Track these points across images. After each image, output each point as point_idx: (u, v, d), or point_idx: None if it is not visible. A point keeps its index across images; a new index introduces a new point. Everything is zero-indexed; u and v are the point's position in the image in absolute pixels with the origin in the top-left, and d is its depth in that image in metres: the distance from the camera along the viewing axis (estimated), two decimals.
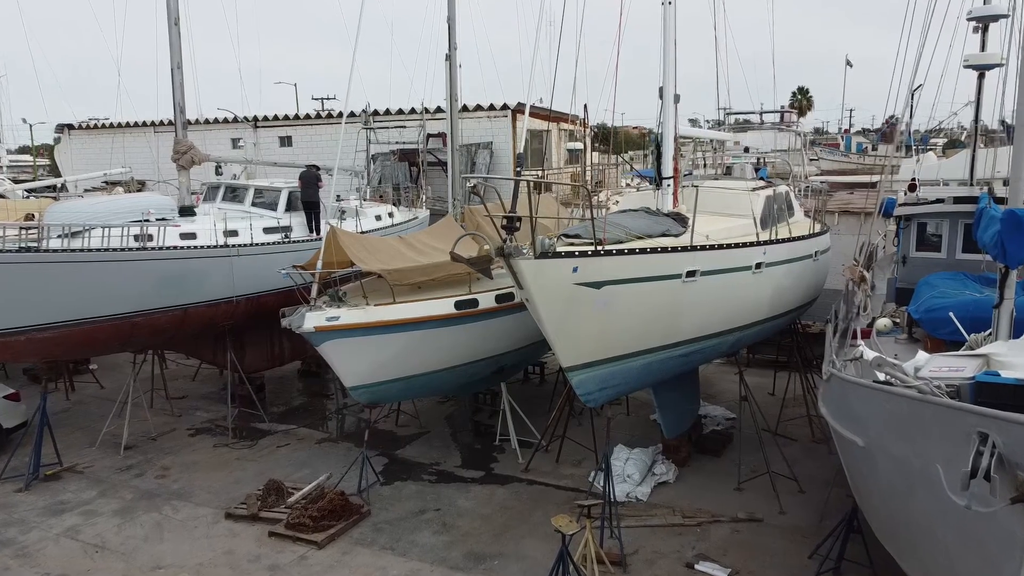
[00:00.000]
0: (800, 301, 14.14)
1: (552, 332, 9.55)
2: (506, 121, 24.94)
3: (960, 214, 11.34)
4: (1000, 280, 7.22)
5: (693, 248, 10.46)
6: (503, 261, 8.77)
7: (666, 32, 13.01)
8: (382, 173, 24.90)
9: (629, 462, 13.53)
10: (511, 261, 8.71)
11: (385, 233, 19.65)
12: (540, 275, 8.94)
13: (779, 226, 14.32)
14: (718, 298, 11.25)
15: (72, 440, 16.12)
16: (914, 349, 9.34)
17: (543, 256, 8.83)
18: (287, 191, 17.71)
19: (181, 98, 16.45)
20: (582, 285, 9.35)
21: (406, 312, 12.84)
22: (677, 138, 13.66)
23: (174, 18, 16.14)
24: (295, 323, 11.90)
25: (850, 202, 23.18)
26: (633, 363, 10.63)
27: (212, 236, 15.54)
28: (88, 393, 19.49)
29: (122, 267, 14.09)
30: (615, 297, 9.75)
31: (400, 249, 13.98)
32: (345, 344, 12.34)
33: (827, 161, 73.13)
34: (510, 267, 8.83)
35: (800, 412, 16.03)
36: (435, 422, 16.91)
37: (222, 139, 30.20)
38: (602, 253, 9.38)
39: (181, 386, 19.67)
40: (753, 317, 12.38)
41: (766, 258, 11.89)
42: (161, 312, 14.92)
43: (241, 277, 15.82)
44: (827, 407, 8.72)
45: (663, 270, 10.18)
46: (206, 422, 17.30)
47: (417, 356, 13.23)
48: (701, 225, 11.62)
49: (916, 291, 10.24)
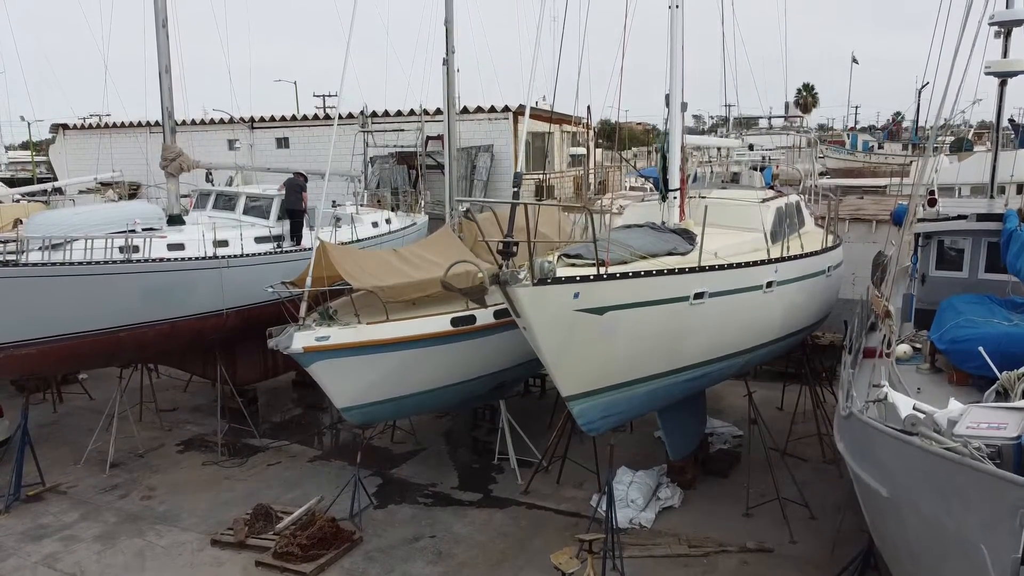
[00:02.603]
0: (813, 319, 13.57)
1: (551, 361, 9.00)
2: (507, 123, 24.34)
3: (984, 232, 10.75)
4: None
5: (701, 269, 9.88)
6: (499, 288, 8.21)
7: (673, 38, 12.41)
8: (380, 176, 24.33)
9: (633, 486, 12.97)
10: (508, 289, 8.15)
11: (382, 241, 19.11)
12: (539, 303, 8.37)
13: (790, 238, 13.74)
14: (727, 319, 10.68)
15: (57, 456, 15.61)
16: (938, 382, 8.78)
17: (542, 282, 8.26)
18: (279, 199, 17.15)
19: (170, 102, 15.88)
20: (584, 311, 8.79)
21: (400, 330, 12.28)
22: (684, 148, 13.05)
23: (162, 19, 15.56)
24: (282, 344, 11.34)
25: (860, 208, 22.57)
26: (637, 390, 10.07)
27: (201, 247, 14.98)
28: (76, 404, 18.97)
29: (106, 280, 13.54)
30: (619, 322, 9.18)
31: (393, 263, 13.42)
32: (335, 364, 11.80)
33: (833, 160, 72.54)
34: (507, 295, 8.27)
35: (810, 429, 15.48)
36: (432, 438, 16.36)
37: (218, 140, 29.65)
38: (605, 277, 8.81)
39: (171, 397, 19.13)
40: (764, 338, 11.81)
41: (777, 276, 11.31)
42: (147, 326, 14.37)
43: (231, 289, 15.26)
44: (844, 443, 8.15)
45: (670, 293, 9.61)
46: (196, 437, 16.77)
47: (412, 375, 12.69)
48: (709, 240, 11.04)
49: (938, 315, 9.66)
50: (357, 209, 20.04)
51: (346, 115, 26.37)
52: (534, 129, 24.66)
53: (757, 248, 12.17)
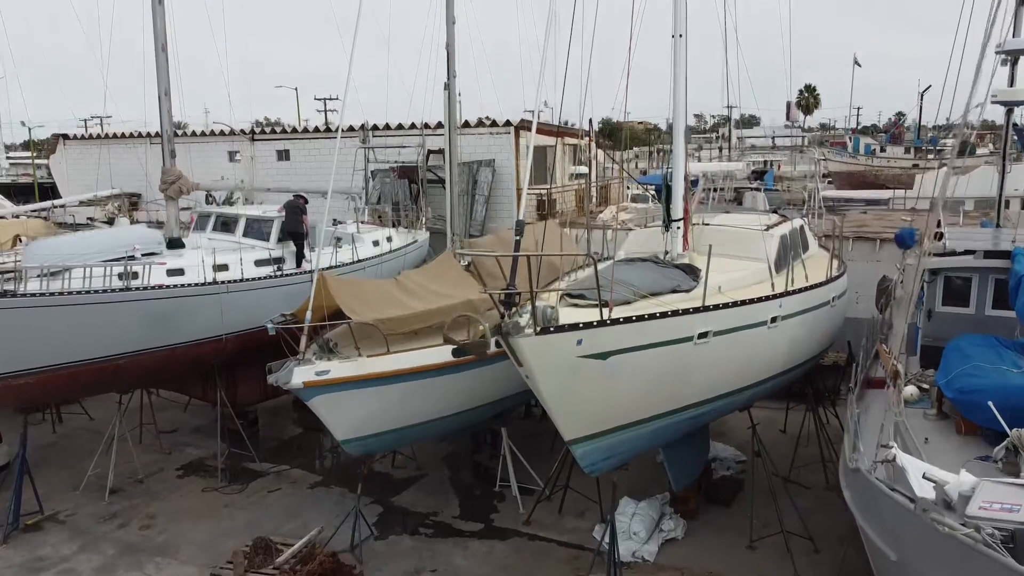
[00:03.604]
0: (817, 350, 13.45)
1: (553, 407, 8.89)
2: (508, 138, 24.19)
3: (991, 269, 10.63)
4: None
5: (705, 308, 9.76)
6: (501, 340, 8.10)
7: (676, 68, 12.29)
8: (381, 190, 24.20)
9: (635, 518, 12.86)
10: (510, 340, 8.04)
11: (383, 261, 18.98)
12: (541, 352, 8.27)
13: (794, 264, 13.56)
14: (731, 357, 10.56)
15: (56, 482, 15.53)
16: (945, 430, 8.67)
17: (544, 331, 8.15)
18: (279, 220, 17.04)
19: (169, 125, 15.77)
20: (587, 357, 8.68)
21: (401, 362, 12.17)
22: (687, 177, 12.94)
23: (161, 43, 15.45)
24: (281, 379, 11.24)
25: (864, 224, 22.45)
26: (640, 430, 9.96)
27: (200, 272, 14.88)
28: (76, 425, 18.87)
29: (104, 309, 13.45)
30: (622, 366, 9.07)
31: (394, 293, 13.29)
32: (336, 398, 11.69)
33: (835, 163, 72.32)
34: (508, 346, 8.16)
35: (814, 452, 15.36)
36: (433, 463, 16.24)
37: (219, 152, 29.56)
38: (608, 322, 8.69)
39: (172, 418, 19.01)
40: (768, 372, 11.69)
41: (782, 311, 11.19)
42: (146, 353, 14.28)
43: (231, 314, 15.15)
44: (851, 495, 8.06)
45: (674, 334, 9.49)
46: (196, 460, 16.67)
47: (413, 406, 12.58)
48: (712, 273, 10.92)
49: (945, 356, 9.54)
50: (358, 228, 19.91)
51: (347, 128, 26.28)
52: (537, 143, 24.52)
53: (761, 279, 12.05)
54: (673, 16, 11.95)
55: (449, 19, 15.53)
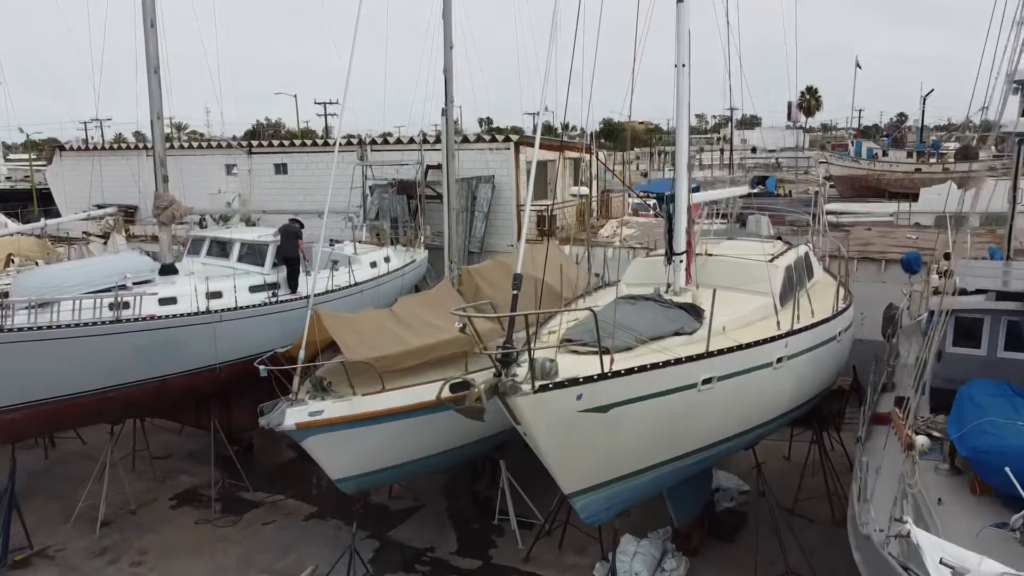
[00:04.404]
0: (823, 387, 13.14)
1: (552, 462, 8.59)
2: (508, 153, 23.87)
3: (1003, 312, 10.32)
4: None
5: (710, 354, 9.46)
6: (498, 400, 7.81)
7: (679, 97, 12.00)
8: (379, 206, 23.89)
9: (637, 557, 12.55)
10: (507, 401, 7.75)
11: (380, 283, 18.68)
12: (541, 410, 7.98)
13: (800, 295, 13.25)
14: (736, 400, 10.26)
15: (47, 513, 15.25)
16: (959, 489, 8.36)
17: (543, 388, 7.85)
18: (274, 244, 16.73)
19: (162, 150, 15.45)
20: (587, 411, 8.38)
21: (397, 400, 11.89)
22: (691, 208, 12.64)
23: (153, 66, 15.16)
24: (274, 421, 10.95)
25: (868, 242, 22.12)
26: (642, 478, 9.67)
27: (193, 301, 14.58)
28: (69, 450, 18.58)
29: (94, 342, 13.18)
30: (623, 417, 8.78)
31: (390, 327, 12.99)
32: (331, 439, 11.41)
33: (837, 167, 72.00)
34: (506, 406, 7.88)
35: (819, 483, 15.05)
36: (430, 493, 15.94)
37: (216, 165, 29.26)
38: (609, 375, 8.39)
39: (165, 442, 18.72)
40: (773, 413, 11.39)
41: (788, 350, 10.89)
42: (137, 385, 14.00)
43: (225, 343, 14.87)
44: (861, 560, 7.75)
45: (678, 382, 9.20)
46: (189, 489, 16.38)
47: (410, 443, 12.30)
48: (715, 311, 10.61)
49: (957, 405, 9.23)
50: (355, 248, 19.61)
51: (345, 142, 26.00)
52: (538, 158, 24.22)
53: (766, 315, 11.75)
54: (676, 46, 11.66)
55: (447, 44, 15.23)
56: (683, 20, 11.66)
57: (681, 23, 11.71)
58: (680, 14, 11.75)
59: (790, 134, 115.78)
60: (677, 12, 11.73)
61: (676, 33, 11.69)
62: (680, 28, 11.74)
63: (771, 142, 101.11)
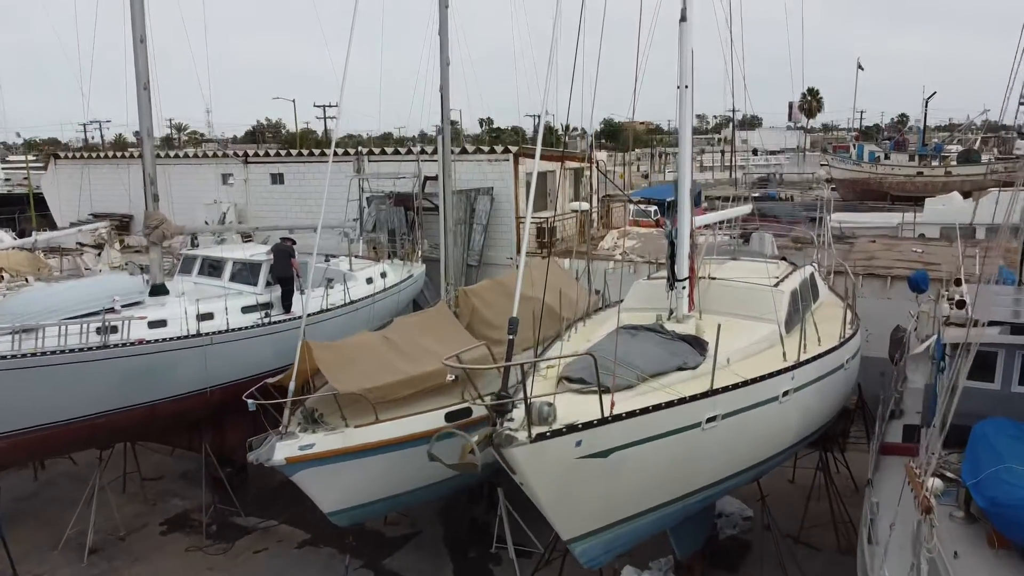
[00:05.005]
0: (829, 417, 12.77)
1: (549, 510, 8.24)
2: (507, 165, 23.51)
3: (1018, 346, 9.95)
4: None
5: (714, 392, 9.10)
6: (493, 451, 7.46)
7: (682, 117, 11.64)
8: (376, 217, 23.54)
9: None
10: (503, 452, 7.40)
11: (376, 300, 18.31)
12: (538, 460, 7.62)
13: (805, 319, 12.90)
14: (740, 437, 9.90)
15: (35, 540, 14.91)
16: (976, 539, 7.99)
17: (540, 437, 7.49)
18: (267, 264, 16.37)
19: (152, 169, 15.09)
20: (587, 457, 8.02)
21: (391, 431, 11.56)
22: (694, 232, 12.28)
23: (143, 82, 14.79)
24: (263, 456, 10.59)
25: (873, 256, 21.73)
26: (643, 520, 9.32)
27: (183, 324, 14.22)
28: (58, 470, 18.22)
29: (80, 368, 12.82)
30: (624, 461, 8.42)
31: (383, 354, 12.62)
32: (322, 472, 11.07)
33: (838, 170, 71.58)
34: (501, 457, 7.53)
35: (824, 508, 14.69)
36: (427, 519, 15.56)
37: (211, 175, 28.92)
38: (610, 419, 8.03)
39: (158, 463, 18.35)
40: (779, 447, 11.03)
41: (794, 383, 10.52)
42: (125, 410, 13.65)
43: (216, 366, 14.52)
44: None
45: (681, 422, 8.84)
46: (181, 514, 16.02)
47: (405, 474, 11.96)
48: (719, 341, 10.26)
49: (972, 446, 8.86)
50: (351, 264, 19.24)
51: (342, 152, 25.65)
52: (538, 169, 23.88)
53: (772, 343, 11.39)
54: (679, 67, 11.29)
55: (444, 61, 14.87)
56: (686, 40, 11.30)
57: (684, 43, 11.34)
58: (683, 34, 11.39)
59: (791, 135, 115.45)
60: (679, 32, 11.36)
61: (679, 53, 11.32)
62: (683, 48, 11.37)
63: (772, 143, 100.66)
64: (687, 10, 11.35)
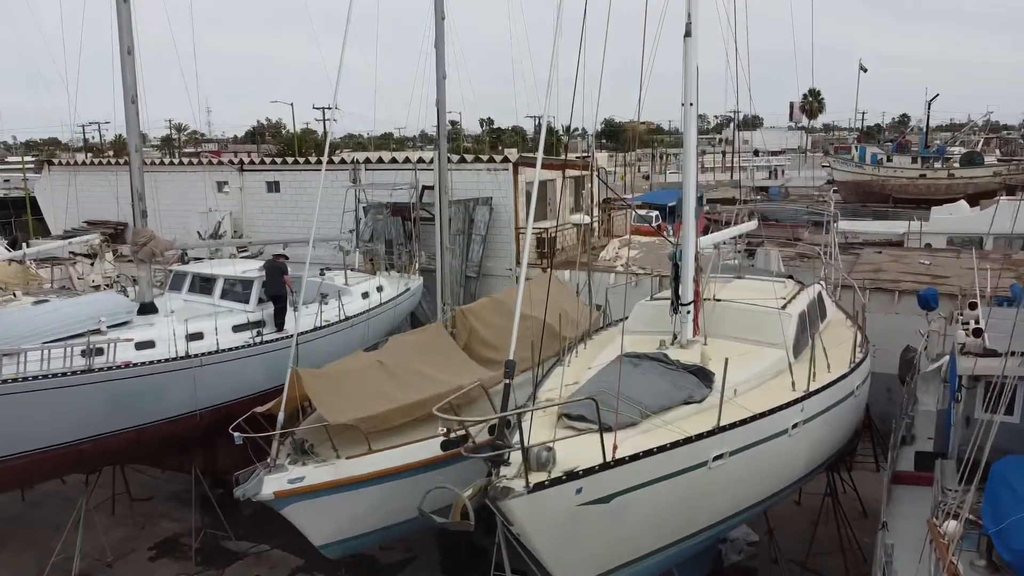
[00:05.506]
0: (838, 447, 12.35)
1: (548, 560, 7.81)
2: (507, 175, 23.06)
3: None
4: None
5: (721, 429, 8.67)
6: (490, 504, 7.04)
7: (687, 136, 11.22)
8: (374, 228, 23.10)
9: None
10: (499, 505, 6.98)
11: (372, 316, 17.87)
12: (536, 511, 7.20)
13: (814, 342, 12.47)
14: (748, 474, 9.49)
15: (19, 565, 14.51)
16: None
17: (539, 487, 7.07)
18: (259, 280, 15.94)
19: (140, 184, 14.67)
20: (588, 504, 7.60)
21: (384, 462, 11.14)
22: (699, 255, 11.85)
23: (131, 95, 14.38)
24: (250, 491, 10.17)
25: (880, 268, 21.32)
26: (646, 563, 8.89)
27: (172, 345, 13.80)
28: (46, 490, 17.76)
29: (65, 393, 12.41)
30: (627, 505, 8.00)
31: (376, 380, 12.18)
32: (313, 506, 10.65)
33: (840, 172, 71.10)
34: (497, 510, 7.11)
35: (832, 531, 14.28)
36: (423, 542, 15.10)
37: (206, 182, 28.44)
38: (612, 464, 7.61)
39: (148, 482, 17.87)
40: (787, 482, 10.61)
41: (804, 414, 10.10)
42: (112, 435, 13.23)
43: (206, 388, 14.09)
44: None
45: (687, 462, 8.42)
46: (170, 538, 15.60)
47: (399, 505, 11.48)
48: (724, 360, 9.83)
49: (991, 489, 8.43)
50: (346, 278, 18.81)
51: (339, 161, 25.24)
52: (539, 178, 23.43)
53: (780, 369, 10.98)
54: (684, 85, 10.86)
55: (439, 75, 14.44)
56: (690, 57, 10.87)
57: (688, 59, 10.91)
58: (687, 50, 10.96)
59: (792, 135, 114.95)
60: (684, 48, 10.93)
61: (684, 70, 10.89)
62: (687, 64, 10.94)
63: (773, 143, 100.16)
64: (692, 25, 10.92)
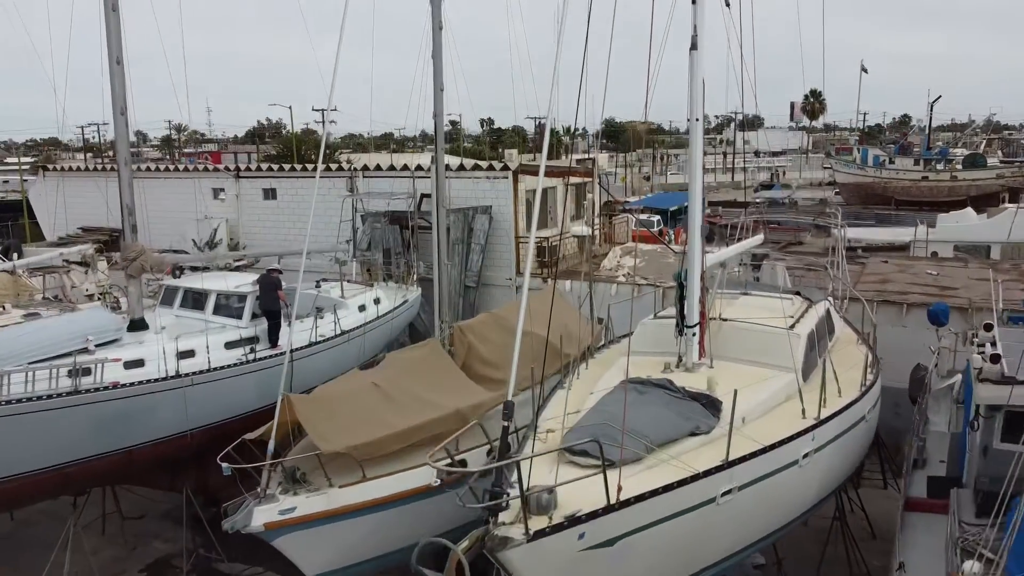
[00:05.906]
0: (849, 473, 11.98)
1: None
2: (507, 183, 22.69)
3: None
4: None
5: (730, 464, 8.30)
6: (488, 556, 6.67)
7: (693, 154, 10.84)
8: (371, 236, 22.74)
9: None
10: (497, 556, 6.61)
11: (368, 330, 17.46)
12: (537, 560, 6.81)
13: (823, 363, 12.08)
14: (758, 507, 9.12)
15: None
16: None
17: (540, 534, 6.68)
18: (252, 295, 15.55)
19: (130, 198, 14.30)
20: (591, 548, 7.22)
21: (378, 491, 10.77)
22: (704, 274, 11.47)
23: (120, 107, 14.01)
24: (239, 524, 9.79)
25: (886, 279, 20.92)
26: None
27: (162, 364, 13.42)
28: (37, 508, 17.35)
29: (50, 417, 12.03)
30: (632, 547, 7.62)
31: (371, 405, 11.76)
32: (305, 537, 10.27)
33: (842, 174, 70.74)
34: (495, 560, 6.73)
35: (841, 552, 13.89)
36: None
37: (203, 189, 28.06)
38: (617, 506, 7.22)
39: (139, 501, 17.48)
40: (796, 512, 10.24)
41: (815, 443, 9.73)
42: (100, 457, 12.86)
43: (197, 407, 13.71)
44: None
45: (694, 500, 8.05)
46: (161, 559, 15.21)
47: (395, 533, 11.14)
48: (731, 386, 9.47)
49: (1011, 524, 8.04)
50: (342, 290, 18.42)
51: (336, 168, 24.87)
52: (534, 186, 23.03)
53: (789, 394, 10.60)
54: (689, 101, 10.48)
55: (437, 86, 14.07)
56: (696, 70, 10.48)
57: (695, 73, 10.53)
58: (693, 63, 10.58)
59: (793, 135, 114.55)
60: (690, 61, 10.55)
61: (689, 84, 10.51)
62: (694, 78, 10.56)
63: (774, 143, 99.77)
64: (697, 37, 10.54)
